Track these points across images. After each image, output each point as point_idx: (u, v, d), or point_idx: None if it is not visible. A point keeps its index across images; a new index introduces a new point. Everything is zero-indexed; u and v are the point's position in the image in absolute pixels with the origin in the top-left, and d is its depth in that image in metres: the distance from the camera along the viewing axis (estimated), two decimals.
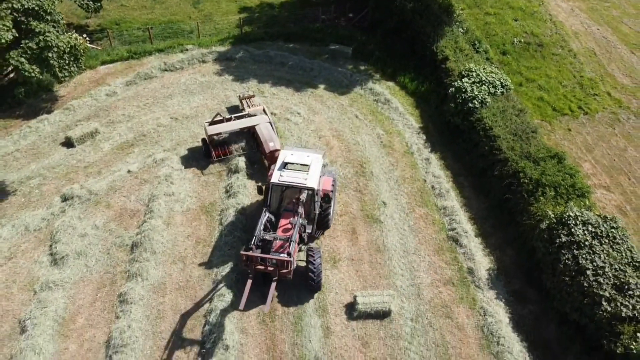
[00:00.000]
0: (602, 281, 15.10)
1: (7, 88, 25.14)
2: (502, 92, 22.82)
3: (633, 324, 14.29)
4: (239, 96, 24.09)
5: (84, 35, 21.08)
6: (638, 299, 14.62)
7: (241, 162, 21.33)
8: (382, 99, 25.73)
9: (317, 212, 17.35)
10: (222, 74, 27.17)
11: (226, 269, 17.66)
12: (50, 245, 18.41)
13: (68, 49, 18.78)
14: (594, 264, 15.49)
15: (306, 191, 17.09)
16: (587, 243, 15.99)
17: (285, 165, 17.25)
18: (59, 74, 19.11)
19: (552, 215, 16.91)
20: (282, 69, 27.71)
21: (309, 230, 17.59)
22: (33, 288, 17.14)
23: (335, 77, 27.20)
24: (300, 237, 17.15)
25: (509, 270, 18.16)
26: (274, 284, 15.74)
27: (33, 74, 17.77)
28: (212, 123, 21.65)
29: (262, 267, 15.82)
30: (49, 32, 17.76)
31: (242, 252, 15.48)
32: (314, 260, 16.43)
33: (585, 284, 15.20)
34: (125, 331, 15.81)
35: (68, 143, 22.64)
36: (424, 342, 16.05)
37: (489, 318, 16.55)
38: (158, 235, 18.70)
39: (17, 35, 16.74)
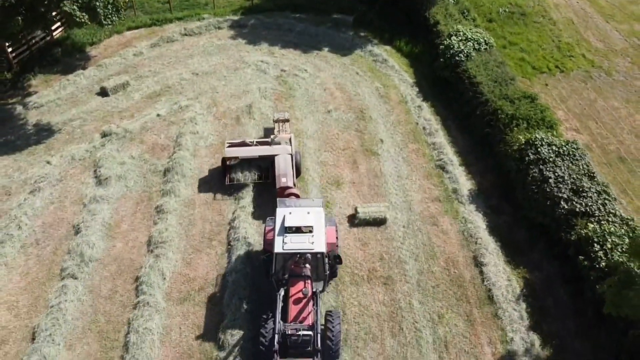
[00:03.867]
0: (561, 187, 18.14)
1: (45, 49, 28.22)
2: (486, 49, 25.84)
3: (585, 218, 17.29)
4: (273, 118, 22.71)
5: None
6: (590, 199, 17.64)
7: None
8: (380, 59, 28.76)
9: (327, 273, 16.00)
10: (236, 38, 30.20)
11: (246, 189, 20.67)
12: (95, 170, 21.46)
13: (111, 1, 21.88)
14: (556, 174, 18.53)
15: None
16: (550, 159, 19.03)
17: (286, 229, 15.66)
18: (104, 22, 22.20)
19: (523, 140, 19.95)
20: (290, 34, 30.72)
21: (320, 288, 16.30)
22: (83, 202, 20.19)
23: (338, 42, 30.21)
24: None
25: (488, 190, 21.19)
26: None
27: (83, 20, 20.81)
28: (233, 145, 21.03)
29: None
30: None
31: None
32: (333, 327, 14.96)
33: (548, 190, 18.23)
34: (163, 232, 18.83)
35: (103, 92, 25.69)
36: (414, 242, 19.08)
37: (469, 225, 19.59)
38: (186, 163, 21.72)
39: None
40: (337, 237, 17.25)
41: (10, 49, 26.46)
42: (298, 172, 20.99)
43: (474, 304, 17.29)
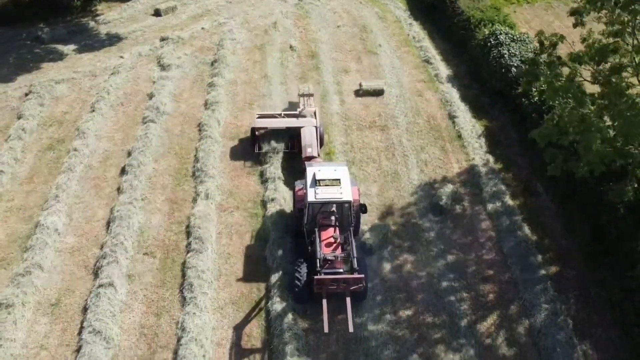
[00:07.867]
0: (513, 59, 24.35)
1: None
2: None
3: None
4: (299, 92, 24.63)
5: None
6: None
7: None
8: None
9: (353, 223, 17.54)
10: None
11: (275, 76, 26.95)
12: (158, 61, 27.78)
13: None
14: (510, 51, 24.76)
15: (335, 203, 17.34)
16: (507, 43, 25.26)
17: (316, 182, 17.18)
18: None
19: (487, 32, 26.25)
20: None
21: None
22: (152, 80, 26.48)
23: None
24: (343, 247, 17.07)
25: (462, 75, 27.48)
26: (349, 304, 15.64)
27: None
28: (262, 116, 22.66)
29: (334, 288, 15.91)
30: None
31: (315, 278, 15.66)
32: (359, 271, 16.30)
33: (503, 62, 24.46)
34: (216, 97, 25.09)
35: (156, 13, 32.09)
36: (404, 106, 25.35)
37: (446, 95, 25.84)
38: (229, 57, 28.01)
39: None
40: (359, 195, 18.53)
41: None
42: (322, 142, 22.40)
43: (447, 140, 23.57)
